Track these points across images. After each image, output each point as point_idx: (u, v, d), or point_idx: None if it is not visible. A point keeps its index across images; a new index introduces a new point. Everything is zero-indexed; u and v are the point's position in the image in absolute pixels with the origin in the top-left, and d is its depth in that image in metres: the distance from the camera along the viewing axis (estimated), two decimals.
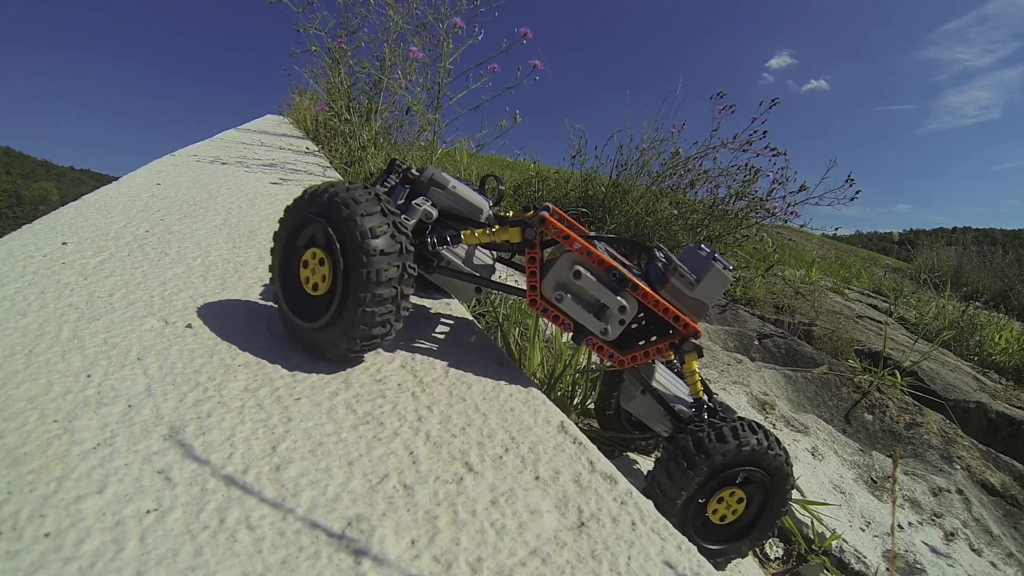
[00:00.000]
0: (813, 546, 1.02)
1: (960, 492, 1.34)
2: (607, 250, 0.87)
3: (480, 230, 0.81)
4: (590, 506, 0.58)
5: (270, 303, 0.91)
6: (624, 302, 0.79)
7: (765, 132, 2.81)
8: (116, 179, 1.65)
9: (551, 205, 0.84)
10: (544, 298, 0.81)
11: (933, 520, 1.24)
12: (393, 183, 0.84)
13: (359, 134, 2.72)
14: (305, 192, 0.71)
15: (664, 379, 0.92)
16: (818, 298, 2.79)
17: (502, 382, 0.81)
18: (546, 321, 0.84)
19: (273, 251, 0.76)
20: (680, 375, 0.96)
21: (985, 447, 1.58)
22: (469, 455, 0.63)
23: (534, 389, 0.81)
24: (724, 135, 2.90)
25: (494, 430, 0.69)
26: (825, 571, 0.97)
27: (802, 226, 2.93)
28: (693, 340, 0.81)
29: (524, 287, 0.82)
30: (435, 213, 0.82)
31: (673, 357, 0.96)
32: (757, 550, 1.02)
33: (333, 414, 0.65)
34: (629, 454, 1.11)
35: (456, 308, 1.08)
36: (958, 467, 1.45)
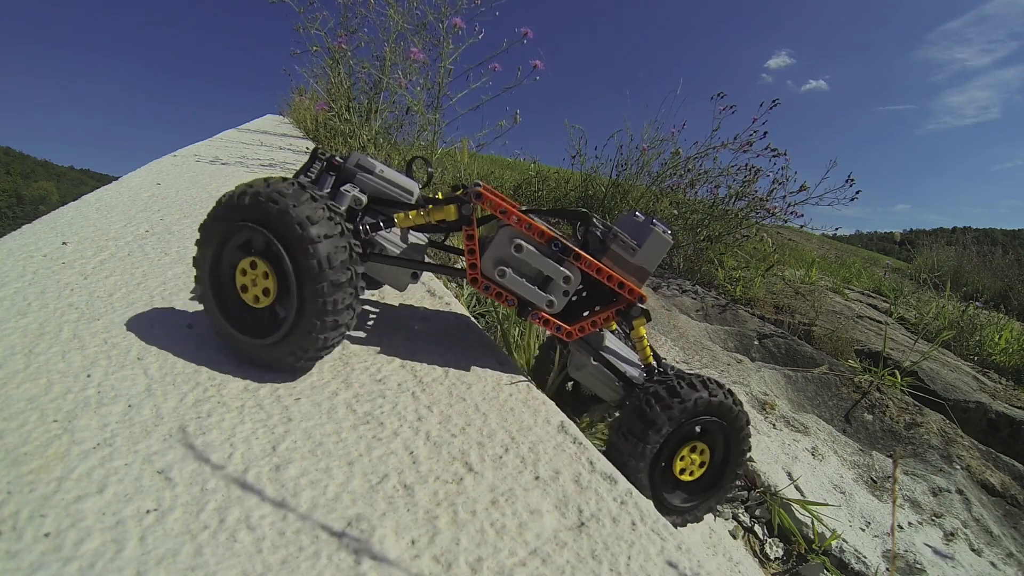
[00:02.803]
0: (813, 546, 1.02)
1: (960, 492, 1.34)
2: (545, 223, 0.86)
3: (414, 212, 0.78)
4: (590, 506, 0.58)
5: None
6: (568, 272, 0.79)
7: (765, 132, 2.81)
8: (116, 179, 1.65)
9: (482, 183, 0.82)
10: (485, 276, 0.79)
11: (933, 520, 1.24)
12: (317, 172, 0.82)
13: (359, 134, 2.72)
14: (220, 203, 0.67)
15: (614, 346, 0.92)
16: (818, 298, 2.79)
17: (502, 382, 0.81)
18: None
19: (199, 270, 0.70)
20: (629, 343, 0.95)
21: (985, 447, 1.58)
22: (469, 455, 0.63)
23: (534, 389, 0.81)
24: (724, 135, 2.90)
25: (494, 430, 0.69)
26: (825, 571, 0.97)
27: (802, 226, 2.93)
28: (639, 305, 0.81)
29: (462, 267, 0.80)
30: (364, 199, 0.80)
31: (615, 328, 0.95)
32: (757, 550, 1.02)
33: (333, 414, 0.65)
34: None
35: (456, 308, 1.08)
36: (958, 467, 1.45)
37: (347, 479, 0.55)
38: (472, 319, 1.05)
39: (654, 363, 0.84)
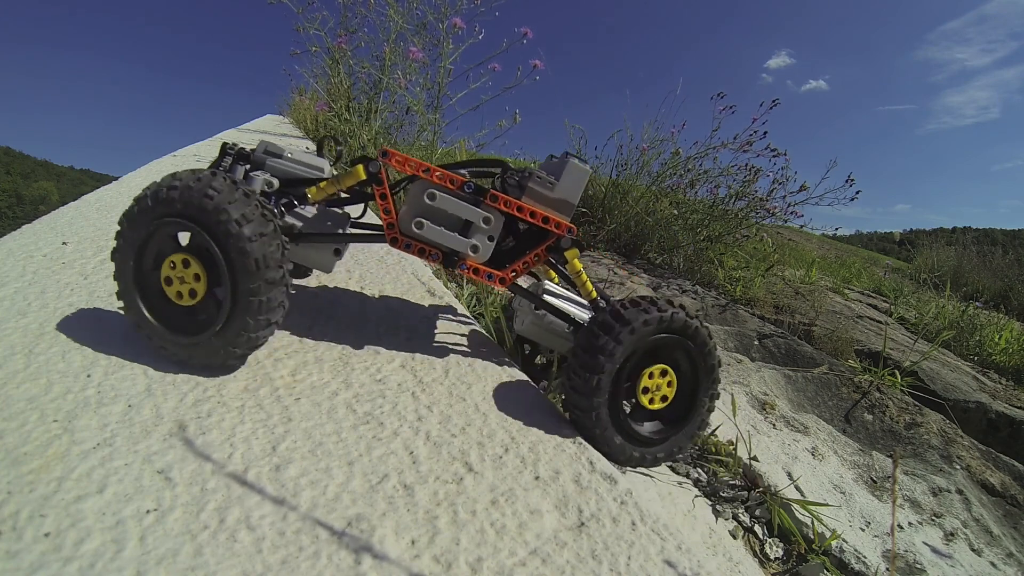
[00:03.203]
0: (813, 546, 1.02)
1: (960, 492, 1.34)
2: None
3: (325, 182, 0.79)
4: (590, 506, 0.58)
5: None
6: (487, 213, 0.78)
7: (765, 132, 2.81)
8: (116, 179, 1.65)
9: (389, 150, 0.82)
10: (404, 233, 0.78)
11: (933, 520, 1.24)
12: (229, 164, 0.82)
13: (359, 134, 2.72)
14: (136, 203, 0.66)
15: (555, 290, 0.90)
16: (818, 298, 2.79)
17: (502, 382, 0.81)
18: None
19: (120, 272, 0.68)
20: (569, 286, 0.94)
21: (985, 447, 1.58)
22: (469, 455, 0.63)
23: (534, 388, 0.81)
24: (724, 135, 2.91)
25: (494, 430, 0.69)
26: (825, 571, 0.97)
27: (802, 226, 2.93)
28: (569, 236, 0.80)
29: (380, 234, 0.79)
30: (276, 182, 0.80)
31: (558, 281, 0.94)
32: (757, 550, 1.02)
33: (333, 414, 0.65)
34: None
35: (456, 308, 1.08)
36: (958, 467, 1.45)
37: (347, 479, 0.55)
38: (472, 319, 1.05)
39: (598, 298, 0.82)
